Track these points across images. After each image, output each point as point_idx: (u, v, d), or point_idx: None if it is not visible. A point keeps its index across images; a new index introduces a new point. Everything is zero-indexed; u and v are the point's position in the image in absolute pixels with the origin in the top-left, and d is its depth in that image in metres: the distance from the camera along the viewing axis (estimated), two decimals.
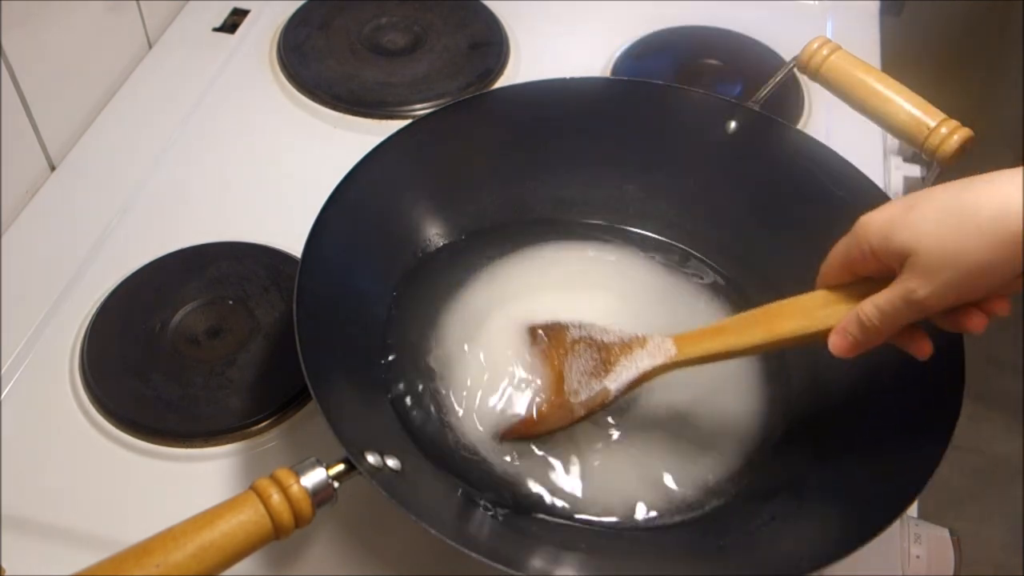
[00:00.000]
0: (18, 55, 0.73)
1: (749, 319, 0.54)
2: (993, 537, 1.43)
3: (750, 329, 0.53)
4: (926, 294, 0.44)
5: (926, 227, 0.43)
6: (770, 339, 0.52)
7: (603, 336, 0.59)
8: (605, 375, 0.57)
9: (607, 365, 0.57)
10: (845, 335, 0.48)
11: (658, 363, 0.56)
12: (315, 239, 0.58)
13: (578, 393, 0.58)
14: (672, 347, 0.56)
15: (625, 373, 0.57)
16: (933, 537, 0.60)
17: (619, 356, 0.57)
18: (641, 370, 0.56)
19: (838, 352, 0.49)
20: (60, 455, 0.61)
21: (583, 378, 0.58)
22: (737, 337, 0.54)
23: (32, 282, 0.70)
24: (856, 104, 0.63)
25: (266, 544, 0.44)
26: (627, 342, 0.58)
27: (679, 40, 0.93)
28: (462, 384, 0.62)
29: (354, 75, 0.88)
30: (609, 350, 0.58)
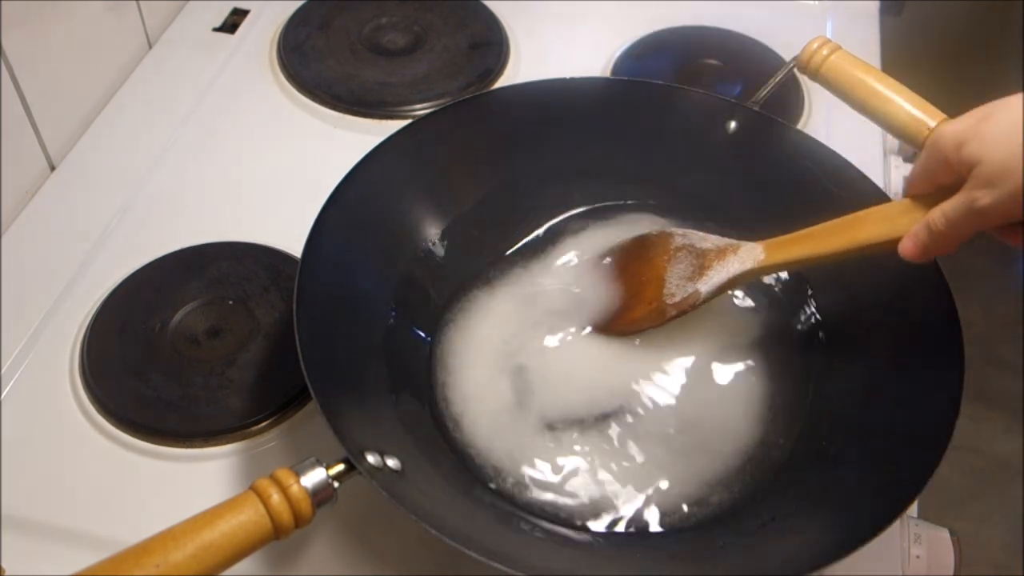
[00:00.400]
0: (18, 55, 0.73)
1: (834, 226, 0.55)
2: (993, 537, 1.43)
3: (835, 235, 0.55)
4: (988, 203, 0.45)
5: (994, 138, 0.44)
6: (854, 244, 0.54)
7: (702, 243, 0.62)
8: (699, 279, 0.60)
9: (702, 270, 0.60)
10: (916, 239, 0.49)
11: (747, 267, 0.59)
12: (315, 239, 0.58)
13: (673, 295, 0.61)
14: (761, 253, 0.59)
15: (716, 276, 0.60)
16: (933, 537, 0.59)
17: (714, 261, 0.60)
18: (731, 274, 0.59)
19: (907, 254, 0.50)
20: (60, 455, 0.61)
21: (680, 282, 0.61)
22: (823, 242, 0.55)
23: (32, 282, 0.70)
24: (856, 104, 0.63)
25: (266, 544, 0.44)
26: (722, 248, 0.61)
27: (679, 40, 0.93)
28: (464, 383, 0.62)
29: (354, 75, 0.88)
30: (705, 255, 0.61)
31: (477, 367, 0.63)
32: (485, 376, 0.63)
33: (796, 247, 0.57)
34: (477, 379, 0.63)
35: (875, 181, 0.63)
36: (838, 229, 0.55)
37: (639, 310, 0.63)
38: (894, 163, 0.84)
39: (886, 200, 0.62)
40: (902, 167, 0.83)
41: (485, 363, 0.63)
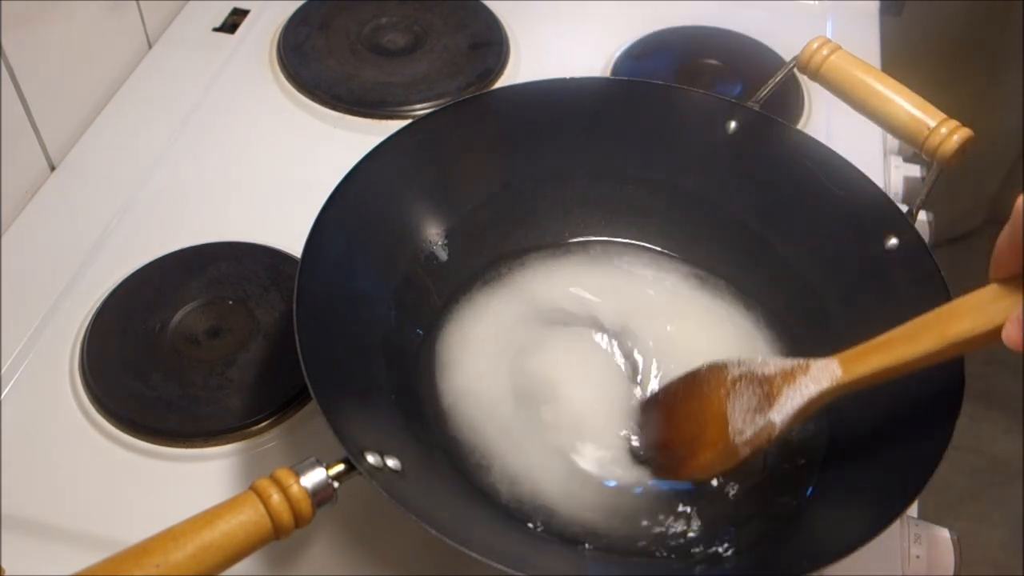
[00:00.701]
0: (18, 55, 0.73)
1: (917, 325, 0.50)
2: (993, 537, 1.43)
3: (920, 336, 0.50)
4: None
5: None
6: (944, 343, 0.48)
7: (763, 369, 0.55)
8: (769, 409, 0.54)
9: (770, 399, 0.54)
10: (1021, 325, 0.44)
11: (824, 387, 0.53)
12: (315, 239, 0.58)
13: (743, 432, 0.54)
14: (838, 368, 0.52)
15: (789, 403, 0.53)
16: (933, 537, 0.59)
17: (782, 386, 0.54)
18: (807, 397, 0.53)
19: (1015, 345, 0.44)
20: (60, 455, 0.61)
21: (746, 415, 0.55)
22: (907, 347, 0.50)
23: (32, 282, 0.70)
24: (856, 104, 0.63)
25: (266, 544, 0.44)
26: (789, 371, 0.54)
27: (679, 40, 0.93)
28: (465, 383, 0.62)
29: (354, 75, 0.88)
30: (771, 382, 0.54)
31: (478, 367, 0.63)
32: (486, 376, 0.63)
33: (876, 356, 0.51)
34: (478, 379, 0.63)
35: (875, 181, 0.63)
36: (923, 329, 0.50)
37: (706, 454, 0.56)
38: (894, 163, 0.84)
39: (886, 200, 0.62)
40: (902, 167, 0.83)
41: (486, 363, 0.63)
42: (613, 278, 0.69)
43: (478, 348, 0.64)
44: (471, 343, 0.65)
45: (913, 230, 0.60)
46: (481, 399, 0.62)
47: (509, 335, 0.65)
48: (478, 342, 0.65)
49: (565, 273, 0.69)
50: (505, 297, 0.67)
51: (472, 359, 0.64)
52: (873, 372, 0.51)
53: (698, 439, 0.57)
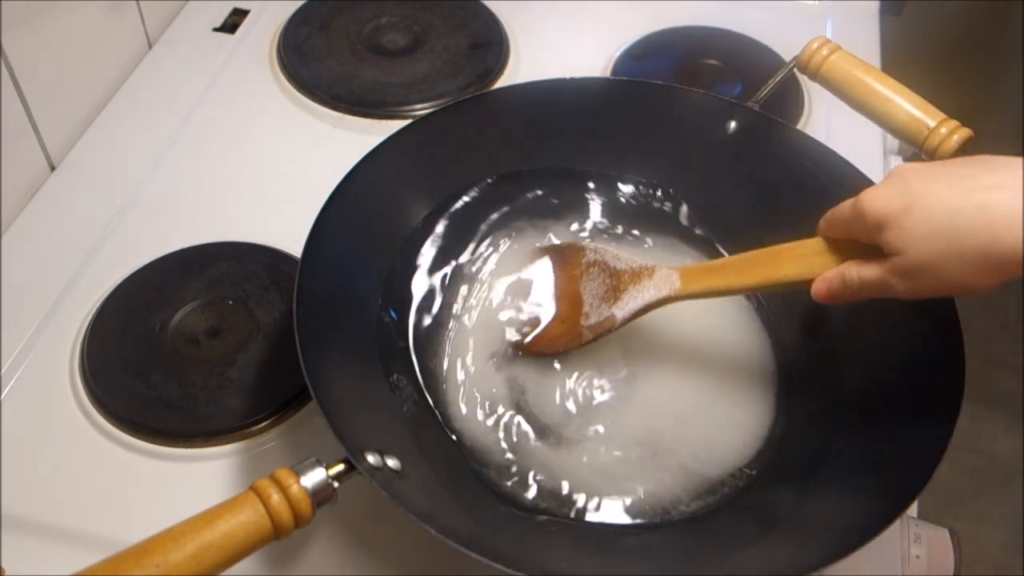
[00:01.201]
0: (18, 55, 0.73)
1: (751, 259, 0.57)
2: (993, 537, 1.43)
3: (751, 270, 0.56)
4: (903, 290, 0.48)
5: (916, 237, 0.46)
6: (768, 281, 0.55)
7: (615, 262, 0.62)
8: (614, 302, 0.60)
9: (616, 292, 0.61)
10: (829, 285, 0.52)
11: (663, 295, 0.59)
12: (315, 239, 0.58)
13: (588, 316, 0.61)
14: (677, 281, 0.59)
15: (632, 302, 0.60)
16: (933, 537, 0.60)
17: (628, 284, 0.61)
18: (646, 301, 0.60)
19: (818, 297, 0.53)
20: (60, 455, 0.61)
21: (594, 301, 0.61)
22: (738, 276, 0.57)
23: (32, 282, 0.70)
24: (856, 104, 0.63)
25: (266, 544, 0.44)
26: (636, 271, 0.61)
27: (679, 40, 0.93)
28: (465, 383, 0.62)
29: (354, 75, 0.88)
30: (620, 277, 0.61)
31: (478, 367, 0.63)
32: (486, 376, 0.63)
33: (713, 278, 0.58)
34: (478, 379, 0.63)
35: (875, 181, 0.63)
36: (755, 263, 0.56)
37: (556, 327, 0.63)
38: (894, 163, 0.84)
39: None
40: None
41: (486, 363, 0.63)
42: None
43: (479, 348, 0.64)
44: (472, 343, 0.65)
45: None
46: (482, 399, 0.62)
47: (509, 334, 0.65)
48: (479, 342, 0.65)
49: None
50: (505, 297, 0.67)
51: (473, 359, 0.64)
52: (706, 290, 0.59)
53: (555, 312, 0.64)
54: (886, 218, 0.47)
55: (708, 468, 0.59)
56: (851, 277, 0.50)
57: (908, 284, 0.48)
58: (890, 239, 0.47)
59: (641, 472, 0.59)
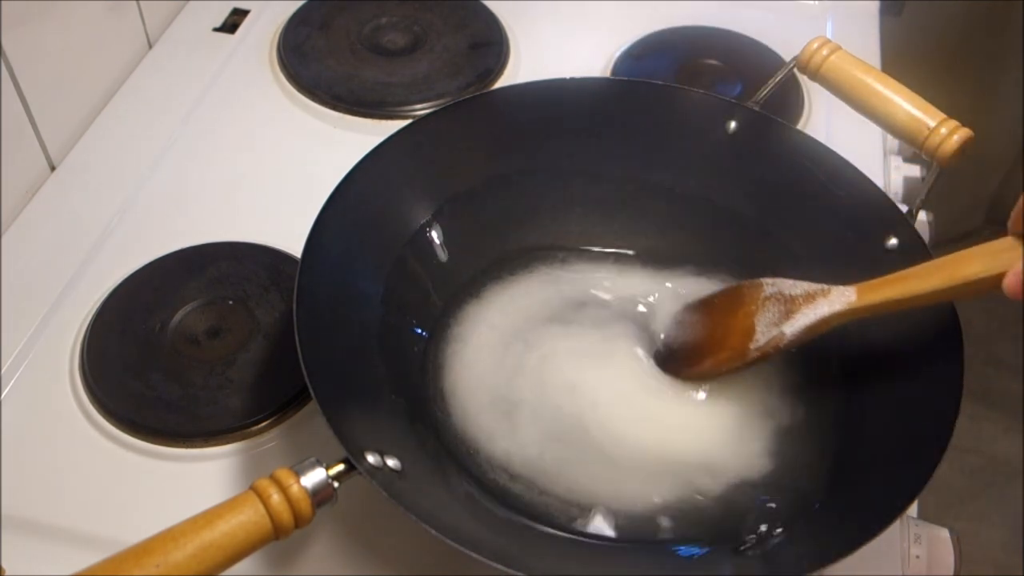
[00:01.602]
0: (18, 55, 0.73)
1: (931, 266, 0.53)
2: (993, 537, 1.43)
3: (932, 274, 0.52)
4: None
5: None
6: (953, 282, 0.51)
7: (792, 290, 0.59)
8: (785, 322, 0.58)
9: (789, 314, 0.58)
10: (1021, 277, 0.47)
11: (836, 309, 0.56)
12: (315, 239, 0.58)
13: (757, 340, 0.59)
14: (853, 295, 0.56)
15: (803, 319, 0.57)
16: (933, 537, 0.60)
17: (802, 305, 0.58)
18: (819, 316, 0.57)
19: (1011, 291, 0.47)
20: (60, 455, 0.61)
21: (765, 328, 0.59)
22: (920, 282, 0.53)
23: (32, 282, 0.70)
24: (856, 104, 0.63)
25: (266, 544, 0.44)
26: (811, 293, 0.58)
27: (679, 40, 0.93)
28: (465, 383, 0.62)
29: (354, 75, 0.88)
30: (794, 300, 0.59)
31: (477, 367, 0.63)
32: (486, 376, 0.63)
33: (890, 288, 0.54)
34: (478, 379, 0.63)
35: (875, 181, 0.63)
36: (936, 268, 0.52)
37: (720, 355, 0.61)
38: (894, 163, 0.84)
39: (886, 200, 0.62)
40: (902, 167, 0.83)
41: (485, 363, 0.63)
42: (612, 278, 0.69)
43: (477, 347, 0.64)
44: (471, 342, 0.65)
45: (913, 230, 0.60)
46: (480, 398, 0.62)
47: (509, 334, 0.65)
48: (478, 341, 0.65)
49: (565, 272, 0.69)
50: (505, 296, 0.67)
51: (472, 358, 0.64)
52: (884, 301, 0.54)
53: (720, 344, 0.62)
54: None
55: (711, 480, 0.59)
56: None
57: None
58: None
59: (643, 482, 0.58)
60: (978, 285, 0.50)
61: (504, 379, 0.63)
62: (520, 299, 0.67)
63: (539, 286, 0.68)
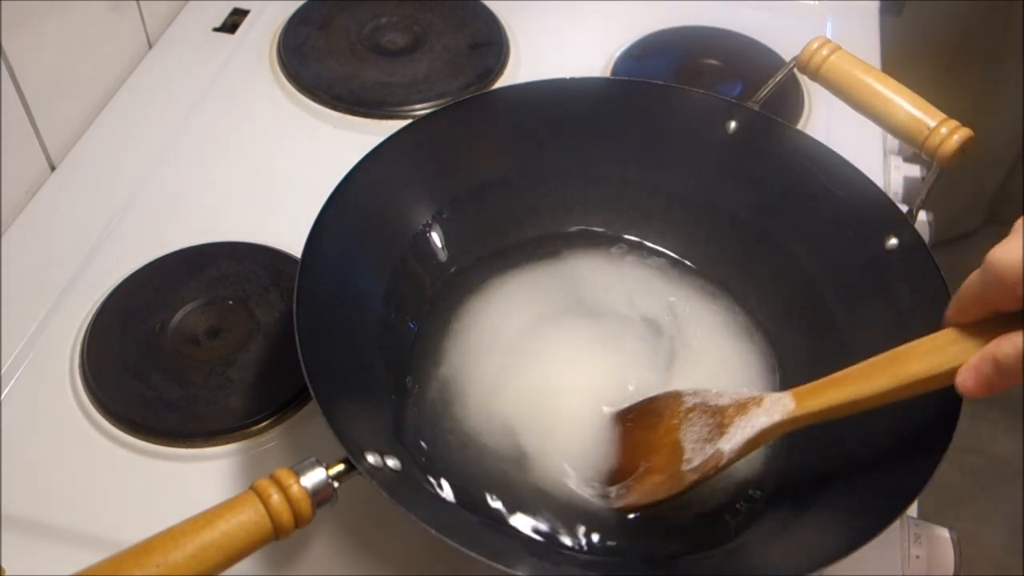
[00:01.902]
0: (18, 55, 0.73)
1: (872, 365, 0.50)
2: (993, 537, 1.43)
3: (876, 375, 0.49)
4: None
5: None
6: (899, 383, 0.48)
7: (718, 400, 0.55)
8: (719, 438, 0.54)
9: (721, 428, 0.54)
10: (978, 374, 0.45)
11: (775, 420, 0.52)
12: (315, 239, 0.58)
13: (691, 460, 0.54)
14: (791, 402, 0.52)
15: (740, 434, 0.53)
16: (933, 537, 0.60)
17: (734, 417, 0.54)
18: (757, 428, 0.52)
19: (968, 392, 0.45)
20: (60, 455, 0.61)
21: (696, 445, 0.54)
22: (862, 385, 0.50)
23: (32, 282, 0.70)
24: (856, 104, 0.63)
25: (266, 544, 0.44)
26: (743, 402, 0.54)
27: (679, 40, 0.93)
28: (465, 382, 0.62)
29: (354, 75, 0.88)
30: (723, 412, 0.54)
31: (478, 366, 0.63)
32: (486, 375, 0.63)
33: (830, 392, 0.51)
34: (478, 378, 0.63)
35: (875, 181, 0.63)
36: (878, 367, 0.49)
37: (652, 479, 0.56)
38: (894, 163, 0.84)
39: (886, 200, 0.62)
40: (902, 167, 0.83)
41: (485, 362, 0.63)
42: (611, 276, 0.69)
43: (478, 347, 0.64)
44: (472, 342, 0.65)
45: (913, 230, 0.60)
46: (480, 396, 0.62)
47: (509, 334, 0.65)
48: (478, 341, 0.65)
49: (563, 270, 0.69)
50: (505, 296, 0.67)
51: (472, 358, 0.64)
52: (826, 407, 0.51)
53: (648, 466, 0.57)
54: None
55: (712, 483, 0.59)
56: (1005, 352, 0.43)
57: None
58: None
59: None
60: (926, 384, 0.48)
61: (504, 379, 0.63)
62: (520, 299, 0.67)
63: (539, 285, 0.68)
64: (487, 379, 0.62)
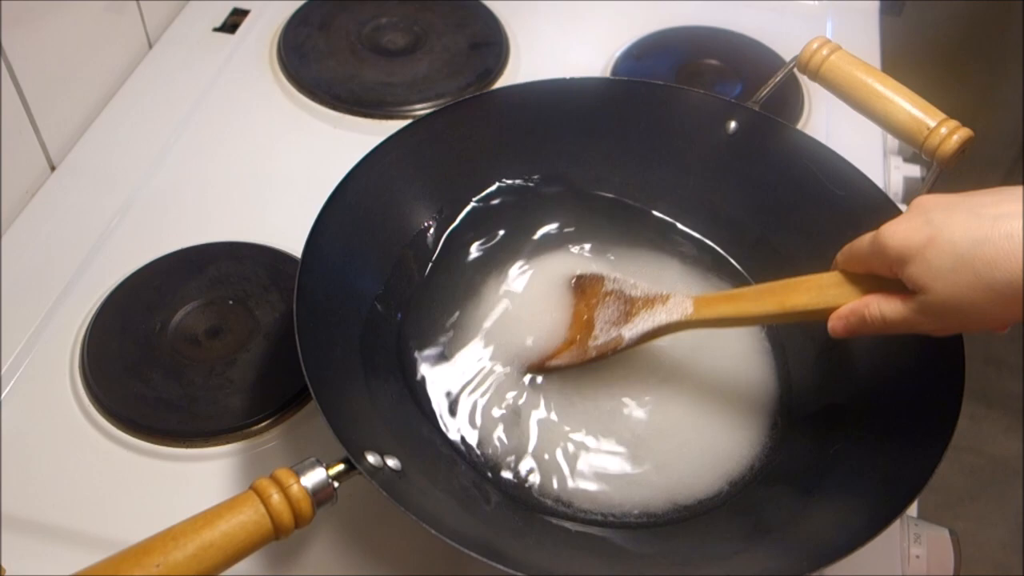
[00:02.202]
0: (18, 55, 0.73)
1: (764, 290, 0.56)
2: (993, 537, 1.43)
3: (764, 298, 0.55)
4: (930, 328, 0.47)
5: (941, 271, 0.44)
6: (781, 310, 0.54)
7: (632, 291, 0.61)
8: (624, 324, 0.60)
9: (628, 316, 0.60)
10: (847, 323, 0.50)
11: (674, 319, 0.58)
12: (315, 239, 0.58)
13: (597, 338, 0.61)
14: (690, 306, 0.58)
15: (641, 324, 0.59)
16: (933, 537, 0.60)
17: (640, 309, 0.60)
18: (656, 323, 0.59)
19: (835, 333, 0.51)
20: (60, 455, 0.61)
21: (605, 325, 0.61)
22: (752, 304, 0.56)
23: (32, 282, 0.70)
24: (856, 104, 0.63)
25: (266, 544, 0.44)
26: (651, 297, 0.60)
27: (679, 40, 0.93)
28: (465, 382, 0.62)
29: (354, 75, 0.88)
30: (633, 303, 0.60)
31: (479, 366, 0.63)
32: (487, 375, 0.63)
33: (725, 305, 0.57)
34: (478, 378, 0.63)
35: (875, 181, 0.63)
36: (768, 292, 0.55)
37: (563, 346, 0.62)
38: (894, 163, 0.84)
39: (886, 200, 0.62)
40: (902, 167, 0.83)
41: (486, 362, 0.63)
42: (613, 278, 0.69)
43: (479, 347, 0.64)
44: (472, 342, 0.65)
45: None
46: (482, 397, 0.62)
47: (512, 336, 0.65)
48: (480, 342, 0.65)
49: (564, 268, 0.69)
50: (505, 295, 0.67)
51: (474, 358, 0.64)
52: (719, 317, 0.57)
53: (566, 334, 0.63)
54: (908, 251, 0.45)
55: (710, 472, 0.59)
56: (873, 314, 0.49)
57: (935, 322, 0.46)
58: (914, 274, 0.45)
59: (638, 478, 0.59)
60: (805, 315, 0.53)
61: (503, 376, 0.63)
62: (520, 298, 0.67)
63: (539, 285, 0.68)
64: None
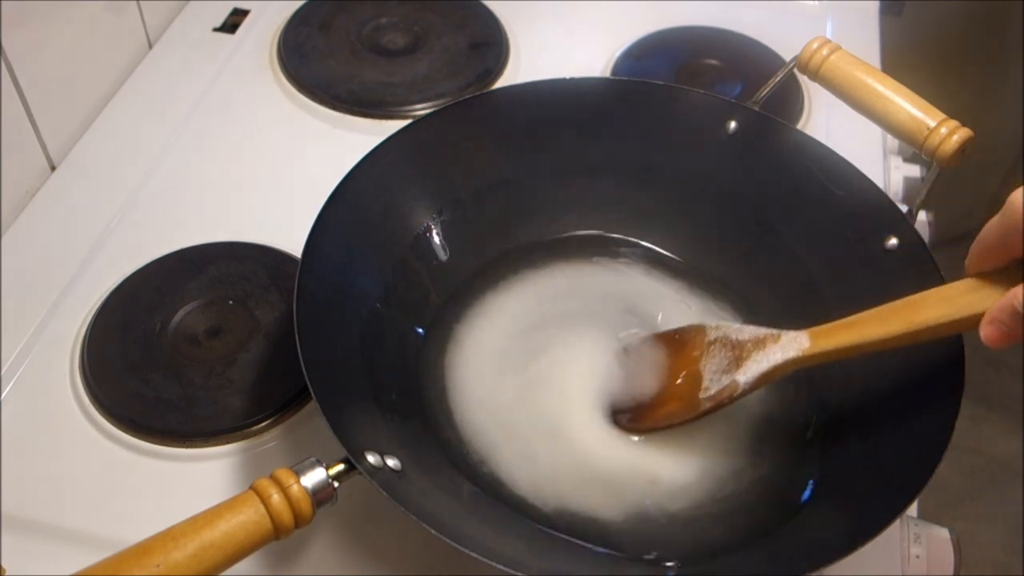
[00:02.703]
0: (18, 55, 0.73)
1: (887, 310, 0.51)
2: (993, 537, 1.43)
3: (888, 319, 0.50)
4: None
5: None
6: (909, 328, 0.49)
7: (738, 335, 0.58)
8: (736, 370, 0.56)
9: (739, 361, 0.56)
10: (999, 325, 0.44)
11: (790, 356, 0.54)
12: (315, 239, 0.58)
13: (708, 389, 0.57)
14: (806, 340, 0.54)
15: (755, 367, 0.55)
16: (933, 537, 0.60)
17: (752, 351, 0.56)
18: (772, 363, 0.55)
19: (990, 342, 0.45)
20: (60, 455, 0.61)
21: (715, 375, 0.57)
22: (874, 327, 0.51)
23: (32, 282, 0.70)
24: (856, 104, 0.63)
25: (266, 544, 0.44)
26: (761, 338, 0.56)
27: (679, 40, 0.93)
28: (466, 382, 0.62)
29: (354, 75, 0.88)
30: (743, 347, 0.57)
31: (478, 366, 0.63)
32: (486, 375, 0.63)
33: (845, 333, 0.52)
34: (478, 378, 0.63)
35: (875, 181, 0.63)
36: (892, 312, 0.50)
37: (670, 405, 0.59)
38: (894, 163, 0.84)
39: (886, 200, 0.62)
40: (902, 167, 0.83)
41: (486, 362, 0.63)
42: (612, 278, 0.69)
43: (478, 347, 0.64)
44: (471, 342, 0.65)
45: (913, 230, 0.60)
46: (480, 397, 0.62)
47: (510, 333, 0.65)
48: (478, 341, 0.65)
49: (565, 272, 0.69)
50: (505, 296, 0.67)
51: (472, 358, 0.64)
52: (839, 347, 0.52)
53: (667, 391, 0.59)
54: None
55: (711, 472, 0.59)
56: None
57: None
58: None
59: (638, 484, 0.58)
60: (936, 331, 0.48)
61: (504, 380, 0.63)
62: (521, 299, 0.67)
63: (540, 286, 0.68)
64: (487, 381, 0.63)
